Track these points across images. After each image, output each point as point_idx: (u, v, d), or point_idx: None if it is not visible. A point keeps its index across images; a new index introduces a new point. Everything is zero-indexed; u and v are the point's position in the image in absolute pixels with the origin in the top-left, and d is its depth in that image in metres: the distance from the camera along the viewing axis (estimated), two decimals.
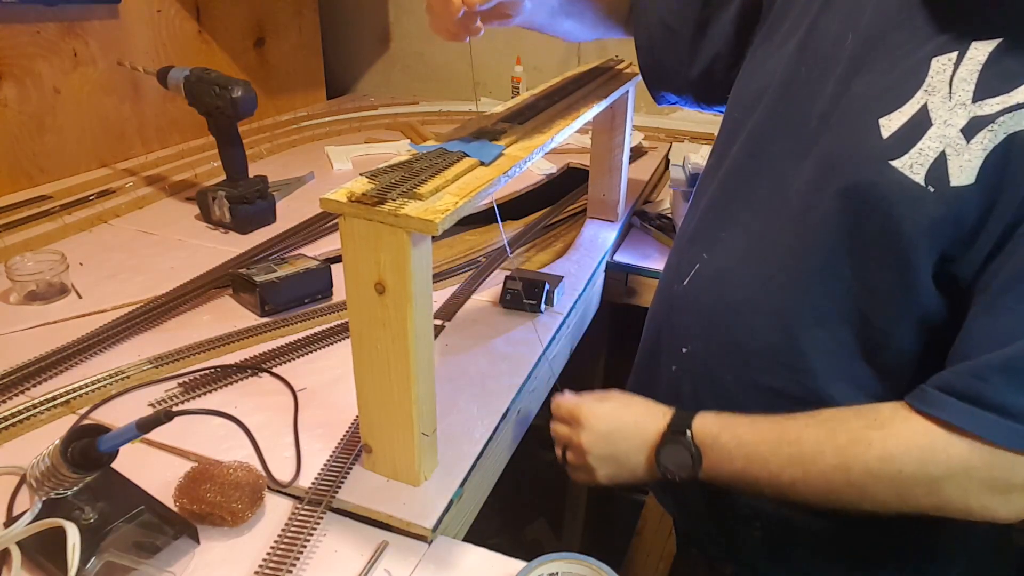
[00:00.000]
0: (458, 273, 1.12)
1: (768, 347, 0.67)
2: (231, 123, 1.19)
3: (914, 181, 0.56)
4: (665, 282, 0.83)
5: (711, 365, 0.72)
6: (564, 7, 0.83)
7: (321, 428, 0.74)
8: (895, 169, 0.57)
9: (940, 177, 0.55)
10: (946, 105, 0.56)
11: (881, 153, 0.58)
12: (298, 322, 0.94)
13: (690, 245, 0.78)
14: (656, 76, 0.93)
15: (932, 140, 0.56)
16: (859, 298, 0.62)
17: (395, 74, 2.33)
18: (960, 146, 0.55)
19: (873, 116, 0.59)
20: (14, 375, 0.80)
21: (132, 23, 1.49)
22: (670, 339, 0.78)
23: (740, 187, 0.72)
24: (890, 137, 0.58)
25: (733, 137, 0.75)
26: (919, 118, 0.57)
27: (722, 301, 0.71)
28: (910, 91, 0.58)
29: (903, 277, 0.59)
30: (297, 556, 0.60)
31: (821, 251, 0.63)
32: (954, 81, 0.56)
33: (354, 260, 0.58)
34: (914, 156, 0.57)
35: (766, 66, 0.73)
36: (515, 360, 0.88)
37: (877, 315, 0.62)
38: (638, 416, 0.70)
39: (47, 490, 0.57)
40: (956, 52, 0.56)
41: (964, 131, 0.55)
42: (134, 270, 1.07)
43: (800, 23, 0.70)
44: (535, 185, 1.53)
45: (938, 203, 0.55)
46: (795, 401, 0.66)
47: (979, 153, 0.54)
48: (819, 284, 0.64)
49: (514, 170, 0.67)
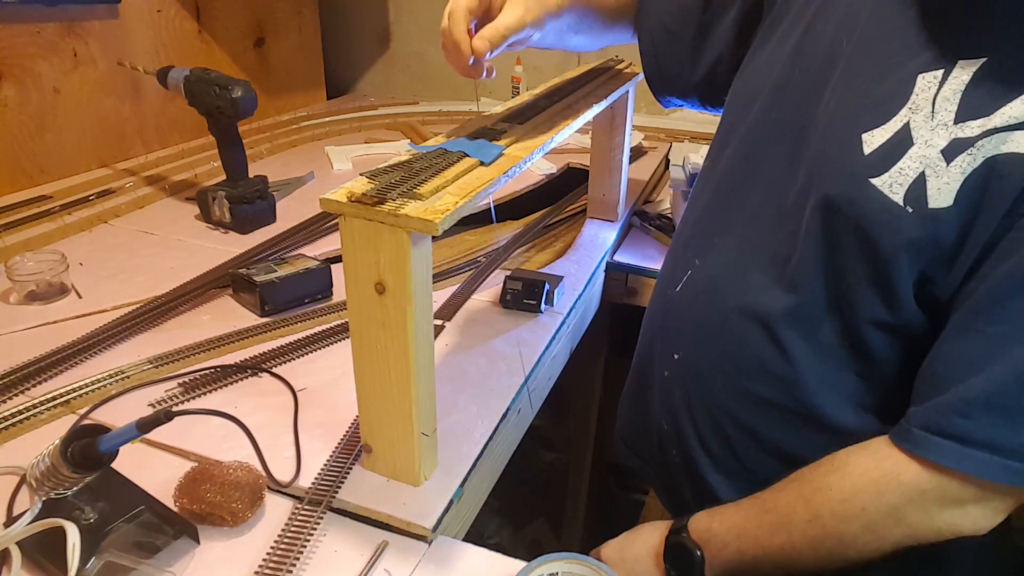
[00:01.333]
0: (458, 273, 1.12)
1: (757, 357, 0.68)
2: (231, 123, 1.19)
3: (893, 201, 0.56)
4: (660, 286, 0.83)
5: (702, 372, 0.73)
6: (572, 26, 0.83)
7: (321, 428, 0.74)
8: (875, 187, 0.57)
9: (919, 198, 0.55)
10: (928, 125, 0.56)
11: (862, 170, 0.58)
12: (298, 322, 0.94)
13: (684, 250, 0.78)
14: (660, 80, 0.93)
15: (912, 160, 0.56)
16: (844, 311, 0.62)
17: (395, 74, 2.33)
18: (940, 168, 0.55)
19: (857, 130, 0.59)
20: (14, 375, 0.80)
21: (132, 23, 1.49)
22: (663, 344, 0.79)
23: (734, 192, 0.72)
24: (871, 154, 0.58)
25: (728, 139, 0.75)
26: (901, 136, 0.57)
27: (713, 309, 0.71)
28: (895, 108, 0.58)
29: (883, 293, 0.59)
30: (297, 556, 0.60)
31: (807, 262, 0.63)
32: (937, 100, 0.56)
33: (354, 260, 0.58)
34: (894, 175, 0.56)
35: (762, 67, 0.73)
36: (515, 360, 0.88)
37: (862, 328, 0.62)
38: (642, 534, 0.73)
39: (47, 490, 0.57)
40: (942, 70, 0.56)
41: (944, 152, 0.55)
42: (134, 270, 1.07)
43: (797, 24, 0.70)
44: (535, 185, 1.53)
45: (916, 224, 0.55)
46: (784, 410, 0.68)
47: (958, 176, 0.54)
48: (805, 295, 0.64)
49: (514, 170, 0.67)
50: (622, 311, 1.30)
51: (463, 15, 0.67)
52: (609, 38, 0.95)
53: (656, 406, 0.80)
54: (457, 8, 0.67)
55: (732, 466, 0.73)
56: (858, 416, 0.65)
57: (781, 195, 0.66)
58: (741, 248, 0.70)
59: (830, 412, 0.65)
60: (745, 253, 0.70)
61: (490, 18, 0.70)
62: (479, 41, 0.66)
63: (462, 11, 0.67)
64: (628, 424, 0.90)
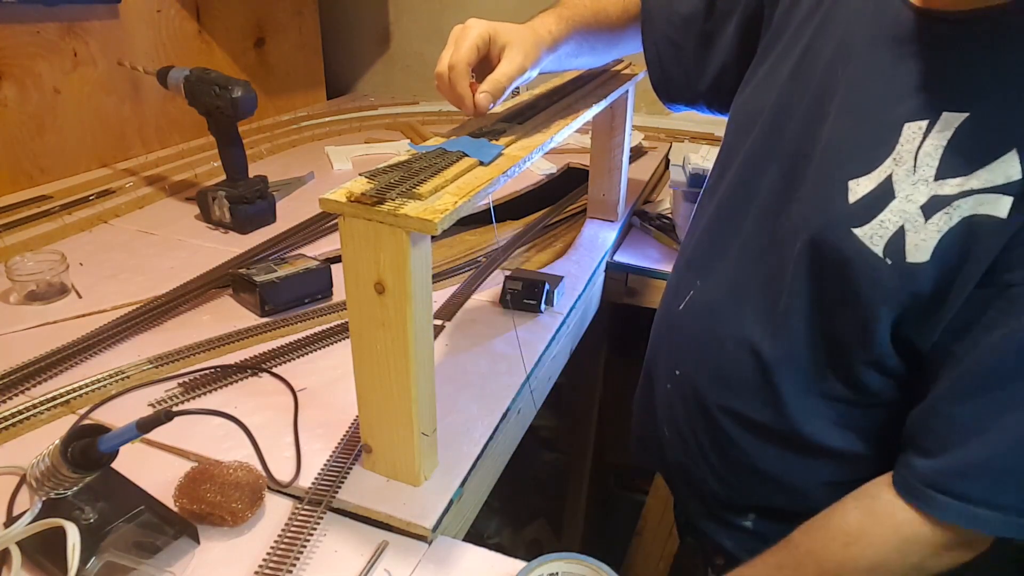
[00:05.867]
0: (458, 273, 1.12)
1: (749, 384, 0.70)
2: (231, 123, 1.19)
3: (873, 252, 0.57)
4: (666, 300, 0.84)
5: (699, 390, 0.75)
6: (572, 52, 0.84)
7: (321, 428, 0.74)
8: (857, 238, 0.58)
9: (898, 251, 0.56)
10: (910, 179, 0.56)
11: (846, 219, 0.59)
12: (298, 322, 0.94)
13: (687, 269, 0.80)
14: (667, 90, 0.93)
15: (893, 213, 0.57)
16: (828, 347, 0.64)
17: (395, 74, 2.33)
18: (918, 223, 0.55)
19: (844, 176, 0.60)
20: (14, 375, 0.80)
21: (132, 23, 1.49)
22: (666, 359, 0.81)
23: (732, 216, 0.73)
24: (855, 203, 0.59)
25: (731, 159, 0.76)
26: (884, 188, 0.57)
27: (711, 333, 0.73)
28: (880, 156, 0.58)
29: (863, 335, 0.61)
30: (297, 556, 0.60)
31: (794, 298, 0.64)
32: (919, 155, 0.56)
33: (354, 260, 0.58)
34: (875, 227, 0.57)
35: (762, 88, 0.73)
36: (515, 360, 0.88)
37: (844, 363, 0.64)
38: None
39: (47, 490, 0.57)
40: (927, 120, 0.56)
41: (924, 208, 0.55)
42: (134, 270, 1.07)
43: (796, 42, 0.70)
44: (535, 185, 1.53)
45: (894, 276, 0.56)
46: (774, 433, 0.70)
47: (934, 233, 0.55)
48: (791, 330, 0.65)
49: (514, 170, 0.67)
50: (622, 311, 1.30)
51: (464, 71, 0.68)
52: (616, 52, 0.96)
53: (660, 415, 0.82)
54: (458, 64, 0.68)
55: (731, 479, 0.75)
56: (843, 438, 0.67)
57: (773, 228, 0.67)
58: (737, 276, 0.71)
59: (818, 437, 0.67)
60: (739, 281, 0.71)
61: (490, 66, 0.71)
62: (482, 97, 0.69)
63: (463, 67, 0.68)
64: (639, 424, 0.91)
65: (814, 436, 0.67)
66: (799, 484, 0.71)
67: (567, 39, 0.81)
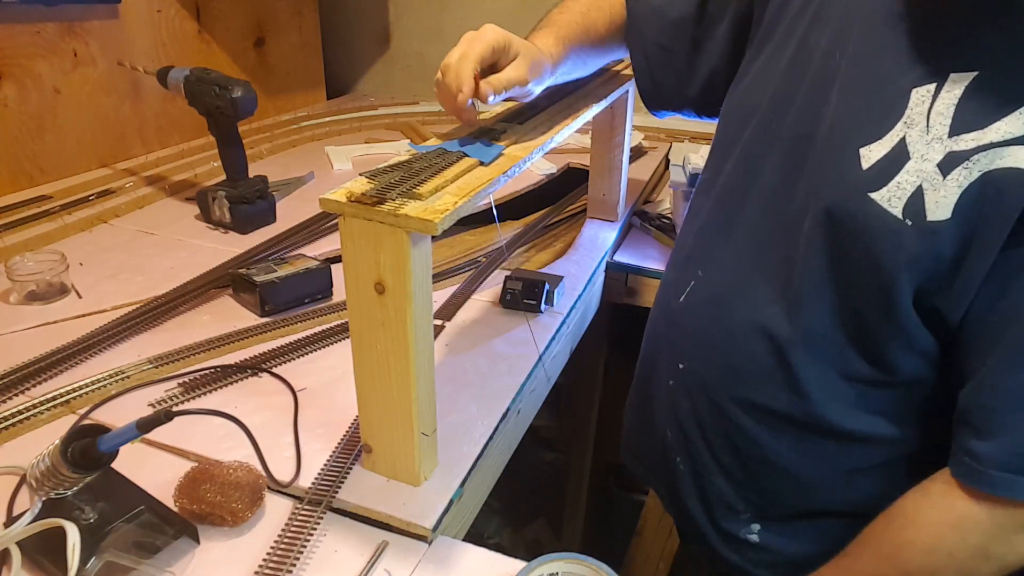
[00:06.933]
0: (458, 273, 1.12)
1: (764, 370, 0.68)
2: (231, 123, 1.19)
3: (892, 215, 0.57)
4: (661, 298, 0.83)
5: (708, 383, 0.73)
6: (569, 70, 0.85)
7: (321, 428, 0.74)
8: (874, 202, 0.57)
9: (917, 211, 0.56)
10: (924, 139, 0.56)
11: (861, 185, 0.58)
12: (298, 322, 0.94)
13: (686, 262, 0.79)
14: (656, 96, 0.93)
15: (910, 174, 0.56)
16: (847, 323, 0.63)
17: (395, 74, 2.33)
18: (936, 181, 0.55)
19: (854, 145, 0.59)
20: (14, 375, 0.80)
21: (132, 23, 1.49)
22: (668, 355, 0.79)
23: (734, 206, 0.73)
24: (869, 169, 0.58)
25: (727, 153, 0.75)
26: (898, 151, 0.57)
27: (719, 321, 0.72)
28: (891, 122, 0.58)
29: (886, 305, 0.60)
30: (297, 556, 0.60)
31: (809, 276, 0.63)
32: (931, 115, 0.56)
33: (354, 260, 0.58)
34: (892, 189, 0.57)
35: (757, 82, 0.73)
36: (515, 360, 0.88)
37: (866, 339, 0.63)
38: None
39: (47, 490, 0.57)
40: (935, 84, 0.56)
41: (940, 166, 0.55)
42: (134, 270, 1.07)
43: (790, 37, 0.70)
44: (535, 185, 1.53)
45: (915, 237, 0.56)
46: (791, 421, 0.68)
47: (955, 189, 0.54)
48: (809, 309, 0.64)
49: (514, 170, 0.67)
50: (622, 311, 1.30)
51: (476, 58, 0.68)
52: (603, 63, 0.96)
53: (661, 415, 0.81)
54: (472, 51, 0.69)
55: (741, 475, 0.74)
56: (864, 421, 0.66)
57: (780, 209, 0.67)
58: (743, 261, 0.70)
59: (838, 420, 0.66)
60: (748, 266, 0.70)
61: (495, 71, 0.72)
62: (485, 84, 0.69)
63: (476, 55, 0.68)
64: (632, 432, 0.90)
65: (834, 420, 0.66)
66: (814, 475, 0.70)
67: (566, 59, 0.83)
